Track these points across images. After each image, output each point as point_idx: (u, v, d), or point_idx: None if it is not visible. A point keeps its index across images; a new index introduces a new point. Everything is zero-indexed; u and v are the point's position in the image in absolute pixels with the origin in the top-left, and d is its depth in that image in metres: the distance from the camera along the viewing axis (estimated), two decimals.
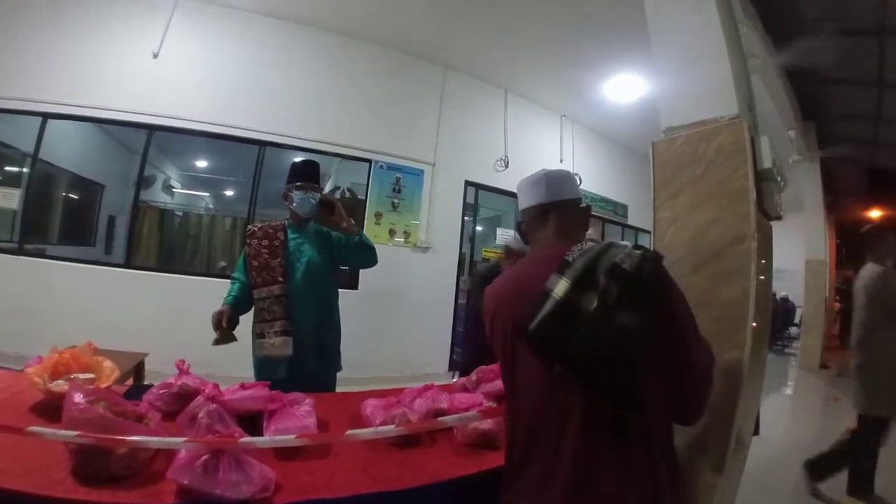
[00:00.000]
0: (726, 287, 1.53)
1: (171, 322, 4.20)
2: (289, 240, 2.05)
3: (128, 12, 4.52)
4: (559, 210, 1.08)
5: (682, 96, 1.89)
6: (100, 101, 4.40)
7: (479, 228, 5.86)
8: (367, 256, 2.16)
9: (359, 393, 1.76)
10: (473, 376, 1.71)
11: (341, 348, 2.17)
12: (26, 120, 4.48)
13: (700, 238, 1.66)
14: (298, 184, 2.06)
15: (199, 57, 4.69)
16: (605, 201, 7.85)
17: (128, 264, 4.58)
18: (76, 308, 4.18)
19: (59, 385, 1.25)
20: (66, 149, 5.54)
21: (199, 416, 1.10)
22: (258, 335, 1.93)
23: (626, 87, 6.00)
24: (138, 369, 3.17)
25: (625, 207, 8.35)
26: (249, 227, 2.12)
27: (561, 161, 6.93)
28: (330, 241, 2.13)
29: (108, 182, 6.40)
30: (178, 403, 1.29)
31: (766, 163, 1.72)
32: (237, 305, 1.97)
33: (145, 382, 3.16)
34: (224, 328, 1.82)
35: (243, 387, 1.30)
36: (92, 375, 1.40)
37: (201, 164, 7.54)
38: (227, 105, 4.62)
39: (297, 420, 1.19)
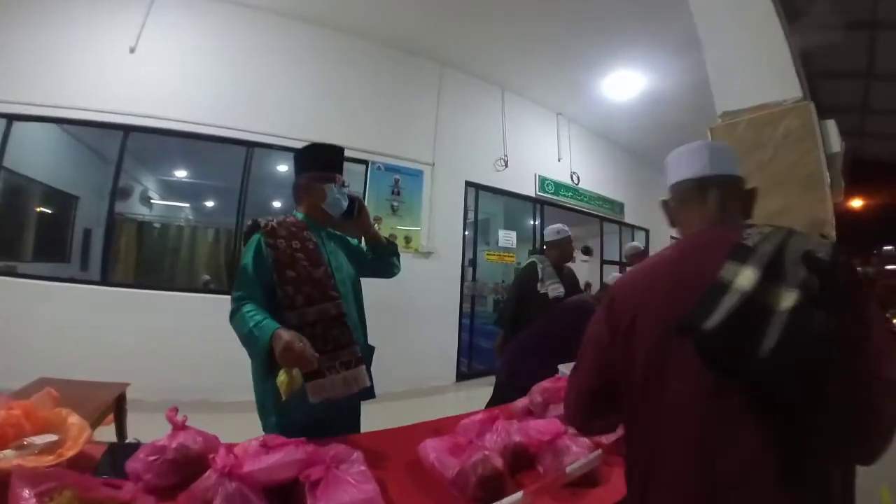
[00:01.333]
0: None
1: (153, 343, 3.87)
2: (317, 243, 1.57)
3: (102, 4, 4.11)
4: (722, 186, 0.90)
5: (739, 79, 1.80)
6: (71, 101, 3.97)
7: (466, 233, 5.58)
8: (396, 263, 1.81)
9: (401, 430, 1.47)
10: (538, 397, 1.44)
11: None
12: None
13: None
14: (332, 174, 1.60)
15: (181, 52, 4.29)
16: (603, 200, 7.72)
17: (104, 281, 4.19)
18: (50, 331, 3.76)
19: (6, 458, 0.88)
20: (34, 157, 5.12)
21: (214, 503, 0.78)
22: (311, 374, 1.33)
23: (623, 85, 5.91)
24: (119, 402, 2.78)
25: (621, 206, 8.25)
26: (260, 220, 1.52)
27: (559, 160, 6.78)
28: (349, 245, 1.74)
29: (81, 193, 5.98)
30: (177, 474, 0.95)
31: (835, 147, 1.64)
32: None
33: (127, 418, 2.80)
34: (314, 355, 1.25)
35: (265, 446, 0.96)
36: (54, 437, 0.99)
37: (180, 172, 7.11)
38: (210, 103, 4.26)
39: (354, 490, 0.85)
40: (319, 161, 1.62)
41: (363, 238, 1.75)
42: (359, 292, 1.67)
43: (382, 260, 1.77)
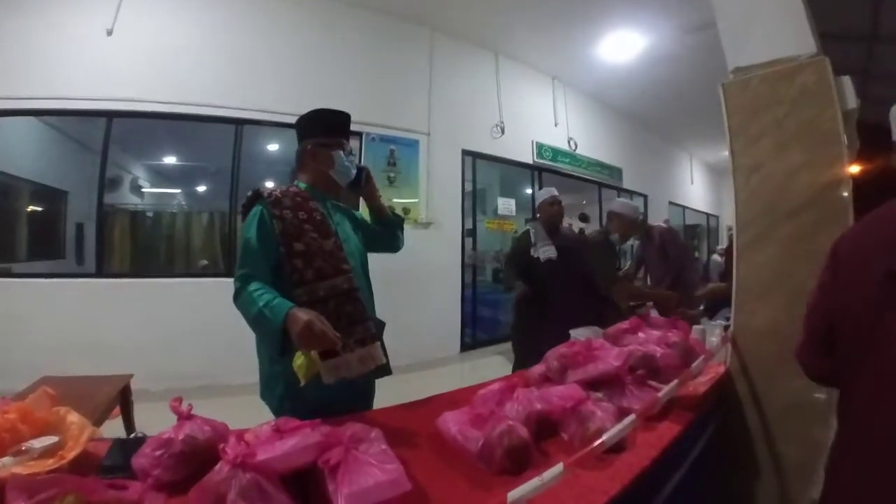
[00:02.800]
0: (826, 233, 1.42)
1: (155, 331, 3.84)
2: (325, 214, 1.44)
3: None
4: None
5: (752, 35, 1.75)
6: (50, 91, 3.81)
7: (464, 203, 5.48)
8: (402, 237, 1.72)
9: (416, 404, 1.40)
10: (555, 363, 1.37)
11: None
12: None
13: (790, 183, 1.58)
14: (340, 140, 1.48)
15: (160, 31, 4.07)
16: (601, 165, 7.59)
17: (99, 273, 4.13)
18: (49, 329, 3.71)
19: (5, 466, 0.82)
20: (17, 153, 5.01)
21: (230, 497, 0.72)
22: (325, 353, 1.24)
23: (621, 46, 5.73)
24: (124, 394, 2.74)
25: (619, 171, 8.13)
26: (262, 189, 1.39)
27: (556, 125, 6.62)
28: (354, 217, 1.63)
29: (70, 188, 5.83)
30: (186, 467, 0.87)
31: (851, 103, 1.60)
32: None
33: (134, 409, 2.80)
34: (336, 335, 1.15)
35: (278, 431, 0.88)
36: (54, 439, 0.92)
37: (169, 158, 6.88)
38: (195, 82, 4.09)
39: (377, 472, 0.78)
40: (327, 126, 1.50)
41: (369, 210, 1.66)
42: (366, 265, 1.58)
43: (388, 233, 1.69)
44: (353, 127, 4.52)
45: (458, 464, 0.99)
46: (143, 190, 6.91)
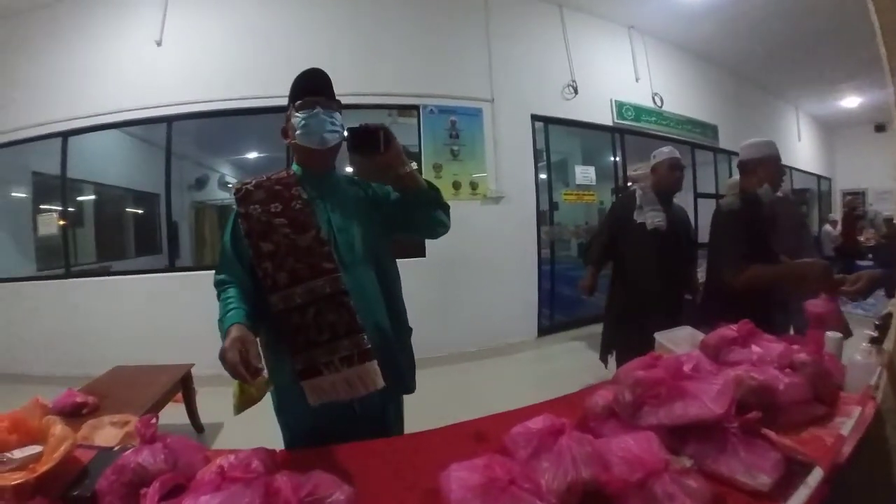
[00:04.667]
0: None
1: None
2: (312, 199, 1.21)
3: (120, 9, 4.37)
4: None
5: None
6: (116, 104, 4.33)
7: (540, 176, 5.03)
8: (443, 220, 1.31)
9: (430, 436, 1.09)
10: (626, 393, 0.95)
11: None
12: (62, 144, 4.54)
13: None
14: (302, 100, 1.22)
15: (206, 33, 4.36)
16: (692, 123, 6.72)
17: (172, 267, 4.64)
18: (137, 321, 4.16)
19: None
20: (107, 165, 5.64)
21: None
22: (305, 371, 1.09)
23: None
24: (185, 382, 2.98)
25: (714, 129, 7.16)
26: (235, 183, 1.25)
27: (637, 80, 5.94)
28: (374, 195, 1.32)
29: (160, 190, 6.39)
30: (134, 499, 0.77)
31: None
32: (252, 324, 1.08)
33: (197, 396, 3.02)
34: (255, 369, 0.96)
35: (222, 475, 0.72)
36: (38, 449, 0.90)
37: (251, 153, 7.24)
38: (249, 76, 4.20)
39: None
40: (293, 94, 1.25)
41: (394, 184, 1.27)
42: (383, 258, 1.29)
43: (421, 213, 1.28)
44: (408, 101, 4.45)
45: None
46: (231, 185, 7.36)
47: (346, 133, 1.21)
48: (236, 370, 0.92)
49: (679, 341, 1.42)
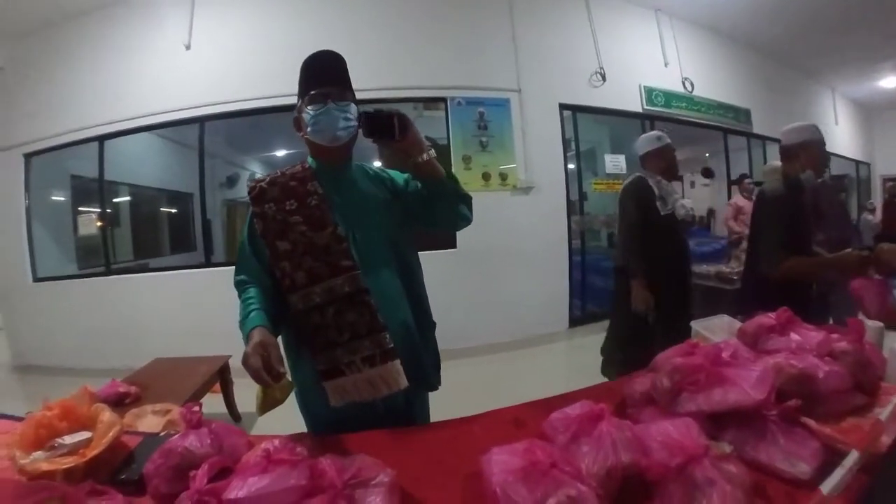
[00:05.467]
0: None
1: None
2: (329, 194, 1.17)
3: (148, 17, 4.54)
4: None
5: None
6: (147, 108, 4.50)
7: (569, 166, 4.95)
8: (464, 211, 1.25)
9: (469, 422, 1.07)
10: (665, 379, 0.93)
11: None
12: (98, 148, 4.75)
13: None
14: (313, 93, 1.15)
15: (232, 34, 4.47)
16: (724, 107, 6.52)
17: (208, 263, 4.78)
18: (175, 315, 4.31)
19: (36, 460, 0.85)
20: (142, 167, 5.81)
21: None
22: (327, 372, 1.08)
23: None
24: (223, 373, 3.06)
25: (747, 113, 6.93)
26: (250, 182, 1.21)
27: (666, 65, 5.79)
28: (393, 186, 1.27)
29: (193, 189, 6.56)
30: (182, 481, 0.77)
31: None
32: (274, 326, 1.06)
33: (234, 386, 3.09)
34: (278, 373, 0.95)
35: (268, 457, 0.73)
36: (87, 435, 0.94)
37: (280, 151, 7.32)
38: (276, 75, 4.17)
39: None
40: (302, 81, 1.18)
41: (412, 172, 1.24)
42: (404, 250, 1.24)
43: (442, 204, 1.22)
44: (435, 93, 4.48)
45: None
46: None
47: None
48: (259, 376, 0.92)
49: (716, 329, 1.40)
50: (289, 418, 1.23)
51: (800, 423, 0.83)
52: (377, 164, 3.78)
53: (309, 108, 1.15)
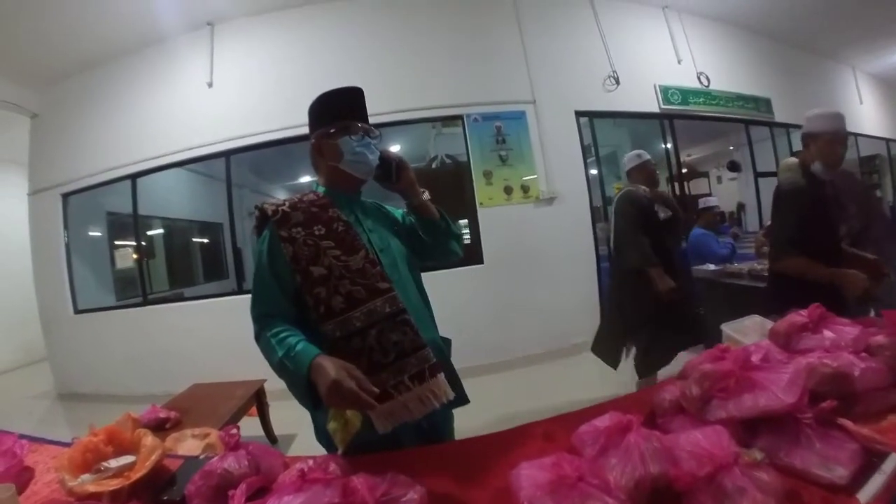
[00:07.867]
0: None
1: None
2: (350, 220, 1.18)
3: (172, 59, 4.82)
4: None
5: None
6: (175, 145, 4.72)
7: (591, 172, 4.92)
8: (455, 248, 1.36)
9: (498, 437, 1.07)
10: (694, 387, 0.92)
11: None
12: (131, 185, 4.99)
13: None
14: (347, 123, 1.19)
15: (252, 70, 4.69)
16: (743, 98, 6.39)
17: (240, 290, 4.82)
18: (211, 340, 4.41)
19: (84, 482, 0.90)
20: (175, 200, 5.98)
21: None
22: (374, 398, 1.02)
23: None
24: (259, 397, 3.12)
25: (767, 101, 6.75)
26: (265, 205, 1.17)
27: (679, 62, 5.73)
28: (395, 220, 1.35)
29: (223, 219, 6.76)
30: (220, 501, 0.83)
31: None
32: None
33: (270, 409, 3.15)
34: (371, 391, 0.93)
35: (302, 477, 0.78)
36: (131, 458, 0.99)
37: (304, 178, 7.46)
38: (294, 104, 4.31)
39: None
40: (328, 110, 1.22)
41: (412, 213, 1.33)
42: (418, 276, 1.29)
43: (434, 241, 1.31)
44: (451, 112, 4.56)
45: None
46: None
47: None
48: (358, 398, 0.89)
49: (747, 331, 1.35)
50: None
51: (836, 424, 0.79)
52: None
53: (351, 137, 1.18)
